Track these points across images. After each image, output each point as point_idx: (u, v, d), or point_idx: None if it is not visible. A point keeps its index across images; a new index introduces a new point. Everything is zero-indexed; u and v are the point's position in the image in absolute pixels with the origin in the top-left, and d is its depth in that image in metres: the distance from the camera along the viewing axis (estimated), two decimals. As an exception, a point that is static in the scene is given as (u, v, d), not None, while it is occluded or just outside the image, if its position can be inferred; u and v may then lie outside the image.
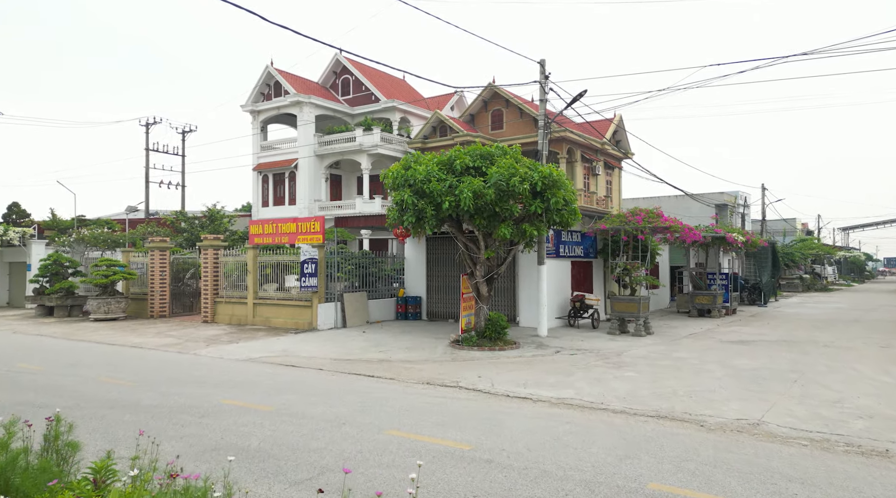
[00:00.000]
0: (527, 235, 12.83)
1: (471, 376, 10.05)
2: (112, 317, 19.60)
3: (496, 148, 13.56)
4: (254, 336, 15.64)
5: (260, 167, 37.46)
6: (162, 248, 20.41)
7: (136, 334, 16.20)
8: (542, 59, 15.28)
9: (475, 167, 12.99)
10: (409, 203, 12.31)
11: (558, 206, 12.51)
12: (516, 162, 13.24)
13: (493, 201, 12.19)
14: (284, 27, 9.15)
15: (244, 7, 8.56)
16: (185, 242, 24.69)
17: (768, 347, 13.66)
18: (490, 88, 35.31)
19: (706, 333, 16.29)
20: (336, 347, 13.61)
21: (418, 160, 13.29)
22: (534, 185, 12.36)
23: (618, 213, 16.97)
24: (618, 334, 16.04)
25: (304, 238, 17.04)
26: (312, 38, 10.18)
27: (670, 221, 15.89)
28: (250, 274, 18.06)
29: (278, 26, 8.84)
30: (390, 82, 40.90)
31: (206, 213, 25.41)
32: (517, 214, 12.56)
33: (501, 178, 12.06)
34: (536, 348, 13.37)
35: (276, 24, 8.90)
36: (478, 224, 12.65)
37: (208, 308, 18.91)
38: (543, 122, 15.45)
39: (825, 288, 44.96)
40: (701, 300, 21.25)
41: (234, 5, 8.92)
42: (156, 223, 25.73)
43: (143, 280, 21.08)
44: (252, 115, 37.87)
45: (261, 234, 17.96)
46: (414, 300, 19.06)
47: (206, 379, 9.89)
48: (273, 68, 36.29)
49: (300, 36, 9.64)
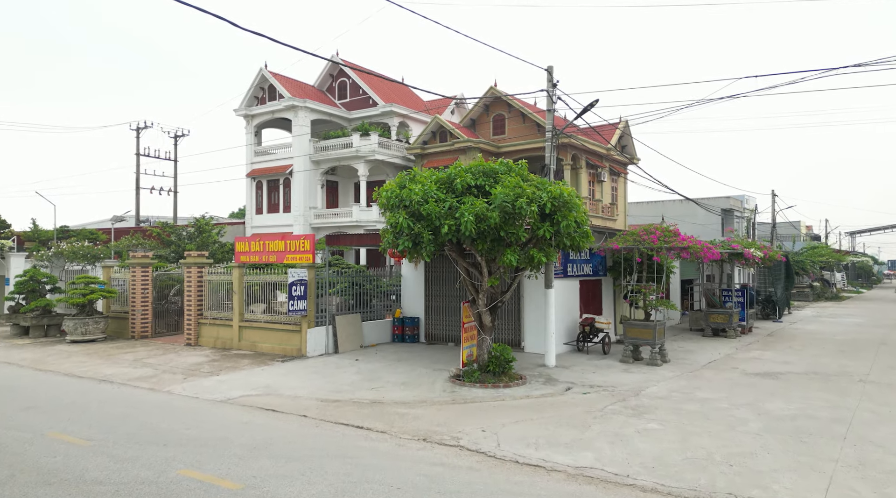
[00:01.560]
0: (535, 262, 11.62)
1: (473, 430, 8.84)
2: (90, 338, 18.40)
3: (500, 164, 12.36)
4: (237, 365, 14.43)
5: (253, 173, 36.28)
6: (144, 264, 19.21)
7: (110, 362, 14.98)
8: (550, 66, 14.07)
9: (477, 186, 11.80)
10: (404, 226, 11.10)
11: (569, 229, 11.31)
12: (523, 180, 12.03)
13: (497, 225, 11.00)
14: (259, 34, 7.98)
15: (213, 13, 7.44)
16: (173, 255, 23.48)
17: (799, 382, 12.45)
18: (492, 92, 34.11)
19: (726, 361, 15.08)
20: (325, 382, 12.40)
21: (415, 178, 12.09)
22: (542, 206, 11.16)
23: (630, 230, 15.76)
24: (631, 362, 14.85)
25: (292, 257, 15.83)
26: (291, 46, 9.00)
27: (688, 241, 14.68)
28: (236, 294, 16.85)
29: (253, 33, 7.62)
30: (389, 85, 39.69)
31: (193, 224, 24.20)
32: (524, 239, 11.36)
33: (507, 199, 10.86)
34: (544, 383, 12.16)
35: (251, 32, 7.70)
36: (480, 249, 11.44)
37: (192, 330, 17.71)
38: (551, 134, 14.23)
39: (836, 296, 43.78)
40: (716, 319, 20.05)
41: (202, 11, 7.72)
42: (141, 235, 24.54)
43: (124, 297, 19.87)
44: (246, 120, 36.68)
45: (247, 251, 16.76)
46: (411, 321, 17.85)
47: (171, 434, 8.68)
48: (267, 71, 35.11)
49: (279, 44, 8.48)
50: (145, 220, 39.65)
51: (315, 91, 37.34)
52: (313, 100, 34.85)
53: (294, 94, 34.27)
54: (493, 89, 33.63)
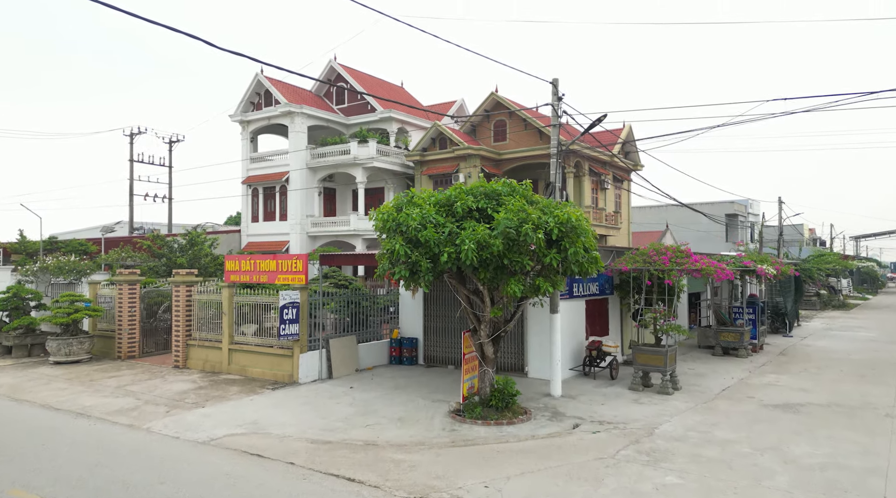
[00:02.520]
0: (541, 292, 10.85)
1: (475, 485, 8.05)
2: (74, 359, 17.62)
3: (503, 184, 11.60)
4: (225, 393, 13.66)
5: (249, 180, 35.52)
6: (131, 281, 18.43)
7: (91, 389, 14.20)
8: (555, 79, 13.29)
9: (479, 209, 11.03)
10: (400, 254, 10.33)
11: (577, 257, 10.54)
12: (527, 202, 11.27)
13: (500, 253, 10.23)
14: (235, 53, 7.21)
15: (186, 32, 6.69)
16: (164, 269, 22.71)
17: (822, 417, 11.68)
18: (492, 98, 33.33)
19: (741, 388, 14.31)
20: (316, 417, 11.63)
21: (413, 199, 11.32)
22: (549, 232, 10.39)
23: (639, 248, 14.99)
24: (641, 389, 14.08)
25: (284, 278, 15.06)
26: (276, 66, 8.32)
27: (701, 262, 13.90)
28: (225, 316, 16.07)
29: (230, 52, 6.86)
30: (387, 90, 38.93)
31: (185, 235, 23.43)
32: (529, 268, 10.58)
33: (510, 225, 10.10)
34: (551, 419, 11.39)
35: (227, 51, 6.94)
36: (482, 278, 10.67)
37: (179, 352, 16.93)
38: (557, 151, 13.44)
39: (843, 304, 42.99)
40: (726, 337, 19.28)
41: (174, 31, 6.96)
42: (131, 247, 23.78)
43: (112, 315, 19.09)
44: (241, 126, 35.93)
45: (237, 270, 15.98)
46: (409, 343, 17.08)
47: (142, 490, 7.90)
48: (263, 76, 34.35)
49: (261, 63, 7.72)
50: (139, 227, 38.90)
51: (312, 96, 36.58)
52: (310, 105, 34.10)
53: (290, 99, 33.51)
54: (493, 95, 32.86)
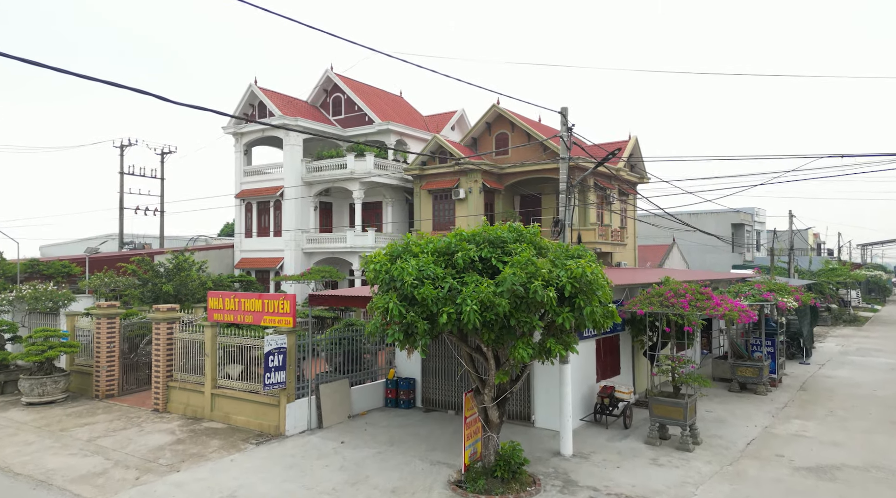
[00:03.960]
0: (552, 355, 9.68)
1: None
2: (48, 400, 16.48)
3: (509, 229, 10.45)
4: (205, 450, 12.50)
5: (243, 194, 34.39)
6: (110, 315, 17.27)
7: (59, 444, 13.04)
8: (564, 108, 12.14)
9: (483, 258, 9.88)
10: (394, 314, 9.17)
11: (594, 317, 9.38)
12: (536, 250, 10.13)
13: (506, 313, 9.08)
14: (193, 107, 6.12)
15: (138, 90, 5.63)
16: (149, 295, 21.57)
17: (863, 487, 10.53)
18: (494, 110, 32.17)
19: (766, 440, 13.16)
20: (301, 486, 10.47)
21: (409, 246, 10.16)
22: (561, 288, 9.23)
23: (655, 290, 13.82)
24: (658, 443, 12.94)
25: (270, 319, 13.91)
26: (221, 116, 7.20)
27: (724, 307, 12.73)
28: (208, 358, 14.92)
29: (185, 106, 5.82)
30: (386, 100, 37.81)
31: (172, 259, 22.28)
32: (539, 329, 9.42)
33: (517, 281, 8.95)
34: (562, 491, 10.24)
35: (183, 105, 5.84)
36: (486, 340, 9.52)
37: (160, 394, 15.78)
38: (567, 185, 12.27)
39: (855, 319, 41.87)
40: (744, 373, 18.12)
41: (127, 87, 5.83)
42: (115, 272, 22.63)
43: (91, 348, 17.93)
44: (235, 138, 34.78)
45: (220, 309, 14.83)
46: (406, 384, 15.92)
47: None
48: (256, 87, 33.22)
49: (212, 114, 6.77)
50: (129, 241, 37.77)
51: (308, 107, 35.45)
52: (306, 117, 32.95)
53: (285, 111, 32.38)
54: (495, 107, 31.71)
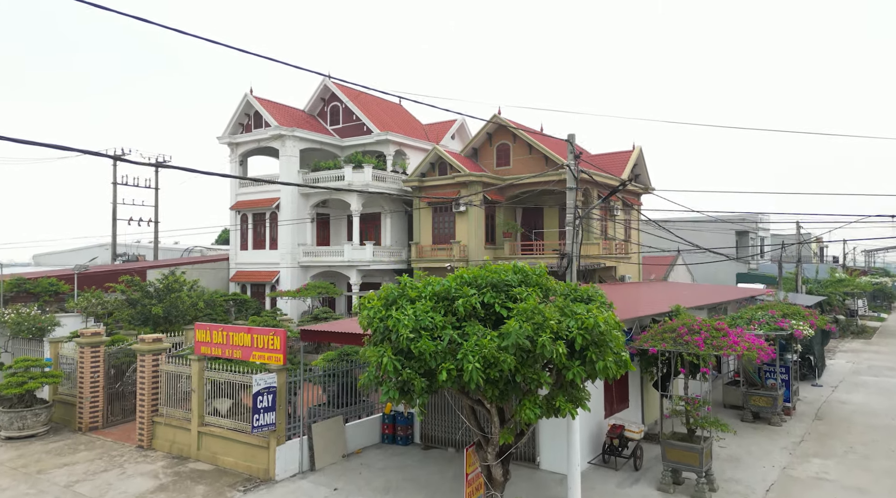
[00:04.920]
0: (562, 414, 8.89)
1: None
2: (28, 433, 15.71)
3: (513, 269, 9.66)
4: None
5: (238, 206, 33.62)
6: (94, 343, 16.49)
7: (35, 490, 12.25)
8: (571, 135, 11.35)
9: (485, 303, 9.09)
10: (389, 370, 8.38)
11: (608, 373, 8.59)
12: (542, 294, 9.34)
13: (512, 369, 8.30)
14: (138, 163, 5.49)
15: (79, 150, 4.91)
16: (139, 317, 20.80)
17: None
18: (495, 120, 31.39)
19: (786, 486, 12.37)
20: (289, 549, 9.69)
21: (406, 289, 9.37)
22: (571, 340, 8.45)
23: (667, 325, 13.03)
24: (672, 491, 12.19)
25: (259, 355, 13.12)
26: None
27: (742, 346, 11.93)
28: (195, 393, 14.13)
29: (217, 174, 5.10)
30: (385, 109, 37.04)
31: (162, 280, 21.50)
32: (547, 387, 8.63)
33: (524, 334, 8.16)
34: (571, 554, 9.45)
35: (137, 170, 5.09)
36: (490, 396, 8.73)
37: (144, 430, 14.99)
38: (574, 216, 11.47)
39: (862, 330, 41.07)
40: (757, 402, 17.34)
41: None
42: (102, 292, 21.85)
43: (75, 377, 17.14)
44: (230, 148, 34.02)
45: (208, 342, 14.05)
46: (404, 420, 15.13)
47: None
48: (252, 96, 32.45)
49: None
50: (123, 253, 36.99)
51: (305, 117, 34.67)
52: (302, 128, 32.19)
53: (281, 121, 31.61)
54: (496, 118, 30.94)
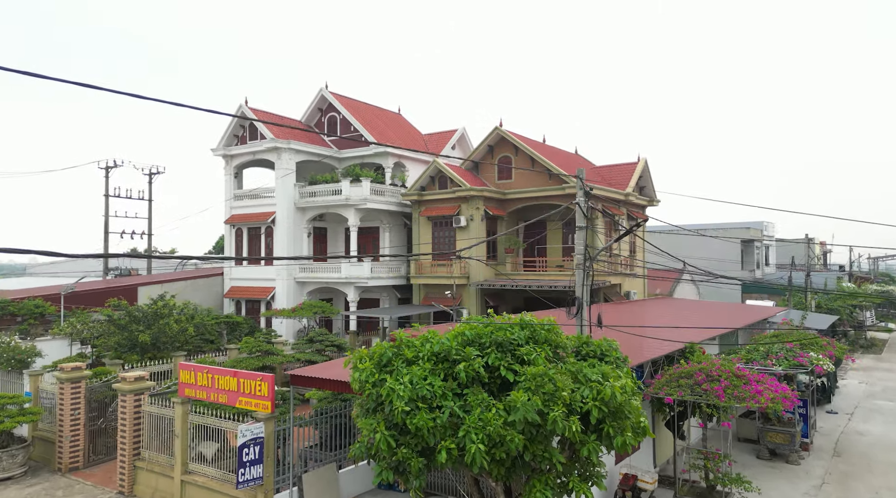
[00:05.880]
0: (577, 495, 7.98)
1: None
2: (5, 476, 14.84)
3: (520, 324, 8.77)
4: (168, 562, 10.83)
5: (233, 220, 32.71)
6: (74, 379, 15.61)
7: (4, 550, 11.41)
8: (581, 170, 10.48)
9: (490, 366, 8.21)
10: (382, 448, 7.49)
11: (627, 448, 7.70)
12: (553, 353, 8.46)
13: (520, 448, 7.41)
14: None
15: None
16: (126, 343, 19.92)
17: None
18: (497, 133, 30.50)
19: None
20: None
21: (401, 351, 8.48)
22: (586, 412, 7.57)
23: (684, 369, 12.15)
24: (689, 551, 11.29)
25: (246, 401, 12.23)
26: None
27: (765, 395, 11.05)
28: (178, 439, 13.25)
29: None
30: (383, 118, 36.16)
31: (151, 306, 20.63)
32: (560, 467, 7.74)
33: (533, 408, 7.28)
34: None
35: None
36: (495, 476, 7.84)
37: (125, 475, 14.11)
38: (584, 257, 10.57)
39: (871, 344, 40.18)
40: (774, 438, 16.44)
41: None
42: (88, 315, 20.96)
43: (55, 412, 16.27)
44: (224, 160, 33.12)
45: (192, 384, 13.15)
46: (402, 464, 14.22)
47: None
48: (247, 107, 31.55)
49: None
50: (115, 267, 36.12)
51: (302, 127, 33.79)
52: (299, 140, 31.30)
53: (277, 132, 30.71)
54: (498, 130, 30.06)
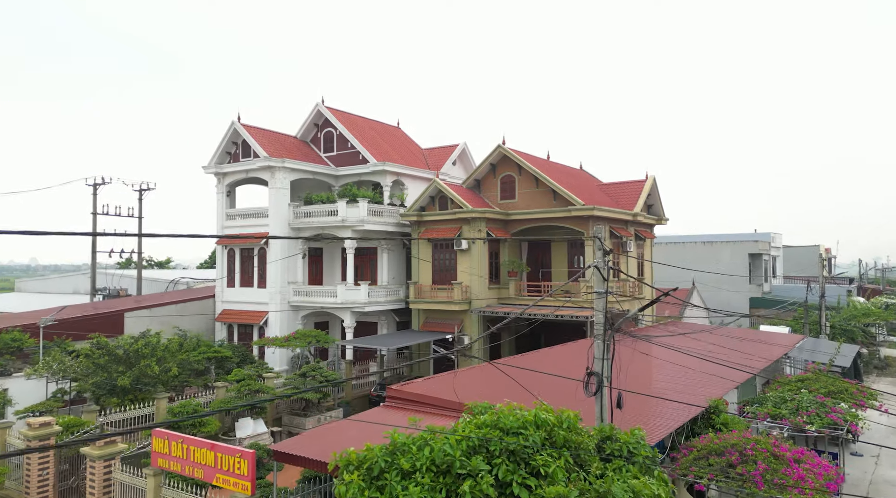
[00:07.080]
0: None
1: None
2: (-35, 545, 13.61)
3: (535, 421, 7.51)
4: None
5: (224, 241, 31.44)
6: (42, 436, 14.37)
7: None
8: (598, 228, 9.23)
9: (500, 481, 6.95)
10: None
11: None
12: (575, 458, 7.20)
13: None
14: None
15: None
16: (106, 384, 18.69)
17: None
18: (499, 151, 29.20)
19: None
20: None
21: (395, 460, 7.21)
22: (614, 548, 6.32)
23: (713, 443, 10.87)
24: None
25: (224, 480, 10.98)
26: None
27: (809, 483, 9.78)
28: (151, 515, 12.01)
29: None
30: (382, 132, 34.88)
31: (132, 344, 19.38)
32: None
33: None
34: None
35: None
36: None
37: (95, 550, 12.89)
38: (604, 331, 9.26)
39: (886, 365, 38.91)
40: None
41: None
42: (66, 356, 19.74)
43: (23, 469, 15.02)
44: (217, 178, 31.83)
45: (166, 454, 11.91)
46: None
47: None
48: (239, 124, 30.30)
49: None
50: (103, 287, 34.89)
51: (297, 144, 32.51)
52: (294, 157, 30.03)
53: (271, 151, 29.45)
54: (500, 148, 28.78)
